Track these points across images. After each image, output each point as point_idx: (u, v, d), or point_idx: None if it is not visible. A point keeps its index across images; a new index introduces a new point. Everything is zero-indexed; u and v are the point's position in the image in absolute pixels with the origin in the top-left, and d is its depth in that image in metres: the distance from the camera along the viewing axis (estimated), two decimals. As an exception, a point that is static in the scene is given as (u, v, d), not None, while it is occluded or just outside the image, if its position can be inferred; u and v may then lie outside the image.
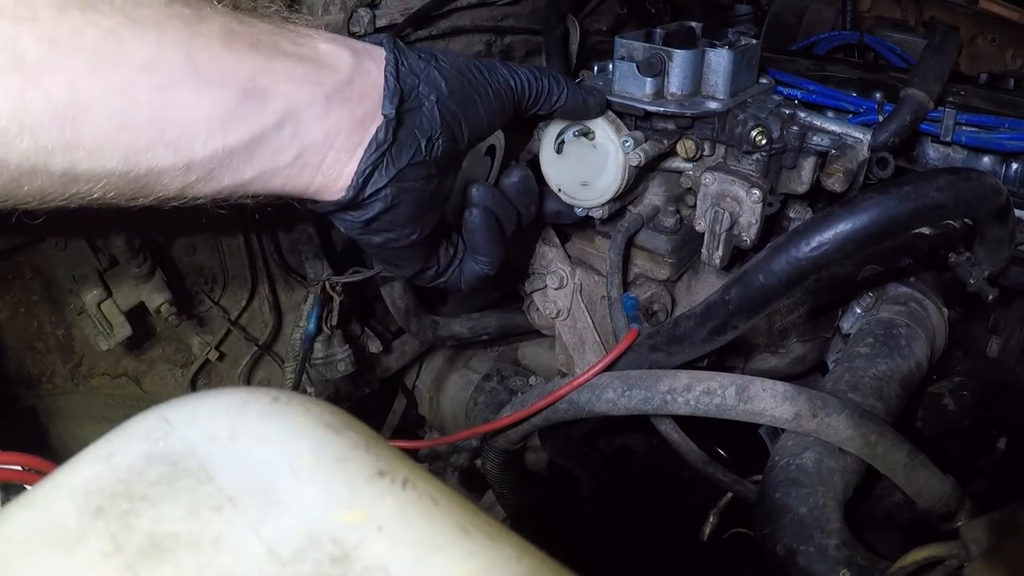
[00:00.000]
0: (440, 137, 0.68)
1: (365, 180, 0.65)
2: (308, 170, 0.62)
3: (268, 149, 0.59)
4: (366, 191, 0.65)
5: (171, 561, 0.31)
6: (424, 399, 1.57)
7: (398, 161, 0.66)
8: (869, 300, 1.04)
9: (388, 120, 0.64)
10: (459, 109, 0.69)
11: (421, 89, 0.67)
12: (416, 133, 0.66)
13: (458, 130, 0.70)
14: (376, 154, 0.64)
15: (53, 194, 0.53)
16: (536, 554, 0.35)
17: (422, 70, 0.67)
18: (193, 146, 0.55)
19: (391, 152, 0.65)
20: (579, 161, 0.89)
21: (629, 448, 1.28)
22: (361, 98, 0.63)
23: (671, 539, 1.15)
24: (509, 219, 0.83)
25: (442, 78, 0.68)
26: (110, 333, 1.07)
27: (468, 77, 0.70)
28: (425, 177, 0.69)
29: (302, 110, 0.60)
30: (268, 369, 1.34)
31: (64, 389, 1.14)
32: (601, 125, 0.87)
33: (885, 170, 0.93)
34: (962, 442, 1.09)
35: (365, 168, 0.64)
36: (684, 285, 1.05)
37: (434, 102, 0.67)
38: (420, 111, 0.66)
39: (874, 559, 0.70)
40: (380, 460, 0.37)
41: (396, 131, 0.64)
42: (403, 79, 0.65)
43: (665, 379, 0.83)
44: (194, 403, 0.39)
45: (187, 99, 0.54)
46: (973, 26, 1.48)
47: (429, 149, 0.67)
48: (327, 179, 0.64)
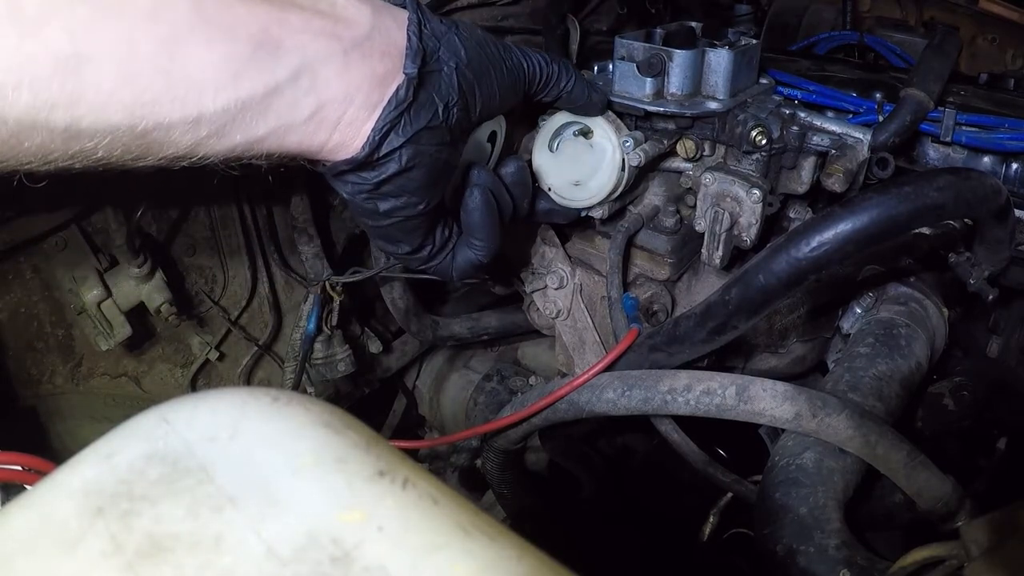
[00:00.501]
0: (456, 104, 0.67)
1: (382, 138, 0.63)
2: (325, 126, 0.61)
3: (283, 103, 0.57)
4: (382, 149, 0.64)
5: (171, 561, 0.31)
6: (424, 399, 1.57)
7: (416, 122, 0.64)
8: (869, 300, 1.04)
9: (410, 79, 0.62)
10: (475, 79, 0.68)
11: (442, 54, 0.65)
12: (435, 97, 0.65)
13: (472, 100, 0.69)
14: (396, 112, 0.62)
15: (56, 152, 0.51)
16: (536, 554, 0.35)
17: (443, 34, 0.66)
18: (202, 100, 0.53)
19: (410, 112, 0.64)
20: (574, 160, 0.89)
21: (629, 448, 1.28)
22: (382, 55, 0.61)
23: (671, 539, 1.15)
24: (505, 207, 0.82)
25: (462, 46, 0.67)
26: (110, 333, 1.07)
27: (486, 49, 0.69)
28: (439, 143, 0.67)
29: (319, 64, 0.58)
30: (268, 369, 1.34)
31: (64, 389, 1.14)
32: (601, 124, 0.87)
33: (885, 170, 0.93)
34: (962, 442, 1.09)
35: (383, 125, 0.62)
36: (684, 285, 1.05)
37: (453, 68, 0.66)
38: (440, 75, 0.65)
39: (874, 559, 0.70)
40: (380, 460, 0.37)
41: (417, 91, 0.63)
42: (426, 40, 0.64)
43: (665, 379, 0.83)
44: (194, 403, 0.39)
45: (195, 50, 0.52)
46: (973, 26, 1.49)
47: (447, 115, 0.66)
48: (344, 136, 0.62)
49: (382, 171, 0.66)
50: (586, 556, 1.16)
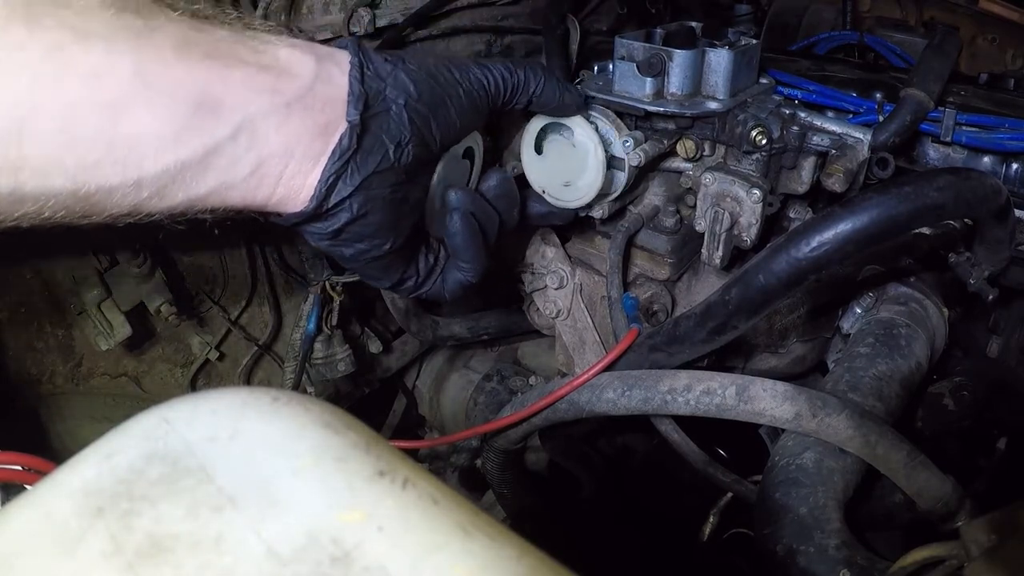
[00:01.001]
0: (410, 142, 0.66)
1: (328, 189, 0.62)
2: (268, 181, 0.60)
3: (223, 161, 0.57)
4: (330, 201, 0.63)
5: (171, 561, 0.31)
6: (424, 399, 1.57)
7: (363, 168, 0.63)
8: (869, 300, 1.04)
9: (352, 126, 0.62)
10: (429, 112, 0.67)
11: (388, 92, 0.64)
12: (384, 139, 0.64)
13: (429, 133, 0.68)
14: (340, 162, 0.62)
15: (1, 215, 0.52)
16: (536, 554, 0.35)
17: (389, 73, 0.65)
18: (143, 162, 0.54)
19: (356, 159, 0.63)
20: (560, 161, 0.88)
21: (629, 448, 1.28)
22: (324, 105, 0.61)
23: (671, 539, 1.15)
24: (491, 224, 0.80)
25: (410, 80, 0.66)
26: (110, 333, 1.07)
27: (438, 79, 0.68)
28: (394, 184, 0.67)
29: (259, 120, 0.57)
30: (268, 369, 1.34)
31: (64, 389, 1.14)
32: (579, 123, 0.85)
33: (885, 170, 0.93)
34: (962, 442, 1.09)
35: (328, 176, 0.62)
36: (684, 285, 1.05)
37: (402, 105, 0.65)
38: (388, 115, 0.64)
39: (874, 559, 0.70)
40: (380, 460, 0.37)
41: (361, 137, 0.63)
42: (368, 83, 0.63)
43: (665, 379, 0.83)
44: (194, 403, 0.39)
45: (136, 114, 0.52)
46: (973, 26, 1.48)
47: (398, 155, 0.65)
48: (289, 190, 0.61)
49: (335, 221, 0.65)
50: (586, 556, 1.16)
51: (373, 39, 1.17)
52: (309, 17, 1.13)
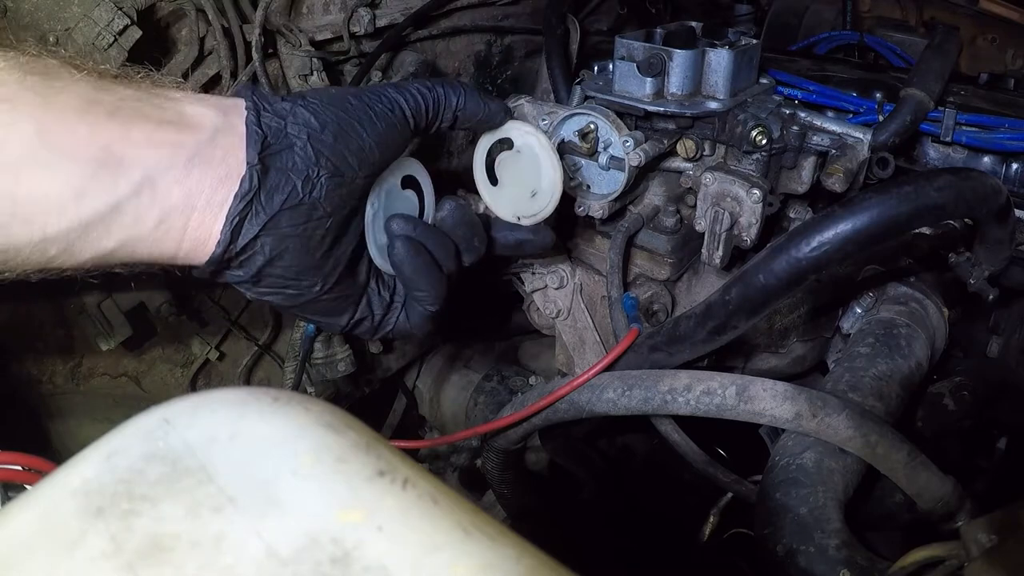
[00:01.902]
0: (321, 175, 0.64)
1: (234, 232, 0.62)
2: (173, 234, 0.60)
3: (128, 217, 0.57)
4: (238, 243, 0.62)
5: (171, 561, 0.31)
6: (424, 399, 1.58)
7: (269, 206, 0.62)
8: (869, 300, 1.04)
9: (251, 167, 0.61)
10: (338, 142, 0.66)
11: (289, 129, 0.64)
12: (290, 175, 0.63)
13: (343, 163, 0.66)
14: (243, 203, 0.61)
15: None
16: (536, 554, 0.35)
17: (288, 111, 0.65)
18: (47, 220, 0.55)
19: (260, 199, 0.62)
20: (516, 177, 0.83)
21: (630, 448, 1.28)
22: (225, 154, 0.61)
23: (671, 539, 1.15)
24: (445, 252, 0.77)
25: (310, 113, 0.65)
26: (110, 333, 1.07)
27: (343, 107, 0.67)
28: (307, 220, 0.65)
29: (160, 175, 0.58)
30: (268, 369, 1.34)
31: (64, 389, 1.14)
32: (513, 127, 0.80)
33: (885, 170, 0.93)
34: (962, 442, 1.09)
35: (233, 219, 0.61)
36: (684, 285, 1.05)
37: (306, 140, 0.64)
38: (291, 152, 0.63)
39: (874, 559, 0.70)
40: (380, 460, 0.37)
41: (264, 176, 0.62)
42: (265, 124, 0.63)
43: (665, 379, 0.83)
44: (194, 403, 0.39)
45: (39, 175, 0.54)
46: (973, 26, 1.49)
47: (307, 189, 0.64)
48: (195, 241, 0.61)
49: (250, 265, 0.64)
50: (586, 556, 1.16)
51: (373, 39, 1.17)
52: (309, 17, 1.14)
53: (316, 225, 0.65)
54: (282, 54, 1.08)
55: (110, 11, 0.87)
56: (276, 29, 1.06)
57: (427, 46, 1.28)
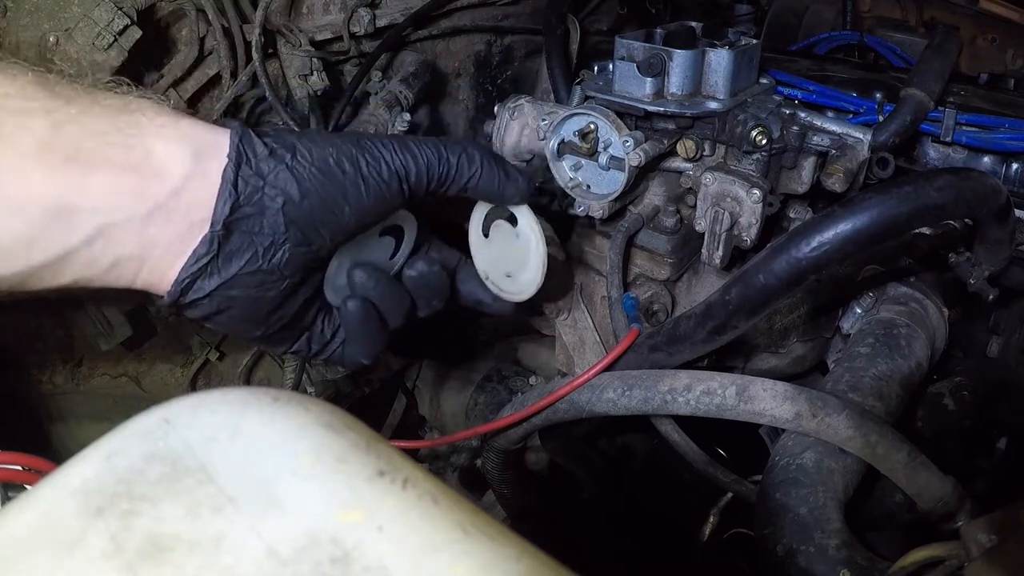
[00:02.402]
0: (287, 244, 0.62)
1: (185, 288, 0.61)
2: (126, 277, 0.60)
3: (78, 263, 0.57)
4: (188, 297, 0.61)
5: (171, 561, 0.31)
6: (424, 399, 1.57)
7: (225, 270, 0.61)
8: (869, 300, 1.04)
9: (213, 232, 0.59)
10: (314, 214, 0.62)
11: (266, 192, 0.60)
12: (253, 240, 0.61)
13: (314, 234, 0.63)
14: (197, 265, 0.59)
15: None
16: (536, 554, 0.35)
17: (271, 170, 0.61)
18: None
19: (216, 263, 0.60)
20: (504, 249, 0.79)
21: (630, 448, 1.28)
22: (190, 208, 0.58)
23: (671, 539, 1.15)
24: (397, 310, 0.74)
25: (294, 180, 0.61)
26: (110, 333, 1.07)
27: (332, 174, 0.63)
28: (260, 284, 0.63)
29: (116, 226, 0.56)
30: (268, 369, 1.34)
31: (64, 389, 1.14)
32: (524, 213, 0.75)
33: (885, 170, 0.93)
34: (962, 442, 1.09)
35: (184, 280, 0.60)
36: (684, 285, 1.05)
37: (279, 207, 0.60)
38: (260, 217, 0.60)
39: (874, 559, 0.70)
40: (380, 460, 0.37)
41: (225, 240, 0.60)
42: (243, 182, 0.59)
43: (665, 379, 0.83)
44: (194, 403, 0.39)
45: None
46: (973, 26, 1.49)
47: (268, 256, 0.62)
48: (150, 282, 0.61)
49: (196, 313, 0.64)
50: (586, 556, 1.16)
51: (373, 39, 1.17)
52: (309, 17, 1.14)
53: (269, 288, 0.64)
54: (282, 54, 1.08)
55: (110, 11, 0.87)
56: (276, 29, 1.06)
57: (427, 46, 1.28)
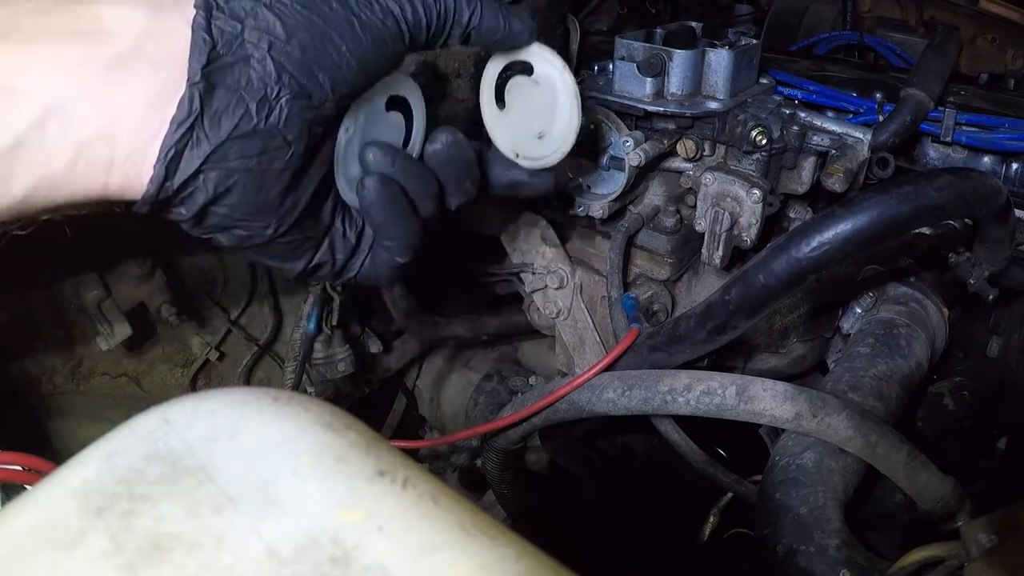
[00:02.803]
0: (282, 95, 0.53)
1: (170, 166, 0.51)
2: (95, 170, 0.51)
3: (32, 156, 0.48)
4: (175, 179, 0.52)
5: (171, 561, 0.31)
6: (424, 399, 1.57)
7: (214, 134, 0.52)
8: (869, 300, 1.04)
9: (192, 85, 0.50)
10: (307, 55, 0.53)
11: (247, 36, 0.52)
12: (243, 95, 0.52)
13: (312, 82, 0.54)
14: (180, 131, 0.51)
15: None
16: (536, 554, 0.35)
17: (248, 12, 0.52)
18: None
19: (203, 124, 0.51)
20: (527, 108, 0.70)
21: (630, 448, 1.28)
22: (157, 66, 0.50)
23: (671, 539, 1.15)
24: (426, 194, 0.65)
25: (276, 18, 0.53)
26: (110, 333, 1.07)
27: (320, 9, 0.54)
28: (263, 151, 0.54)
29: (70, 101, 0.48)
30: (268, 369, 1.34)
31: (64, 389, 1.14)
32: (536, 52, 0.67)
33: (885, 170, 0.93)
34: (962, 442, 1.09)
35: (167, 151, 0.51)
36: (684, 285, 1.05)
37: (266, 51, 0.52)
38: (246, 65, 0.52)
39: (874, 559, 0.70)
40: (380, 460, 0.37)
41: (209, 97, 0.51)
42: (217, 28, 0.51)
43: (665, 379, 0.83)
44: (194, 403, 0.39)
45: None
46: (973, 26, 1.49)
47: (264, 113, 0.53)
48: (126, 176, 0.52)
49: (191, 205, 0.54)
50: (586, 556, 1.16)
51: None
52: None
53: (273, 158, 0.55)
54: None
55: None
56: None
57: (427, 46, 1.28)
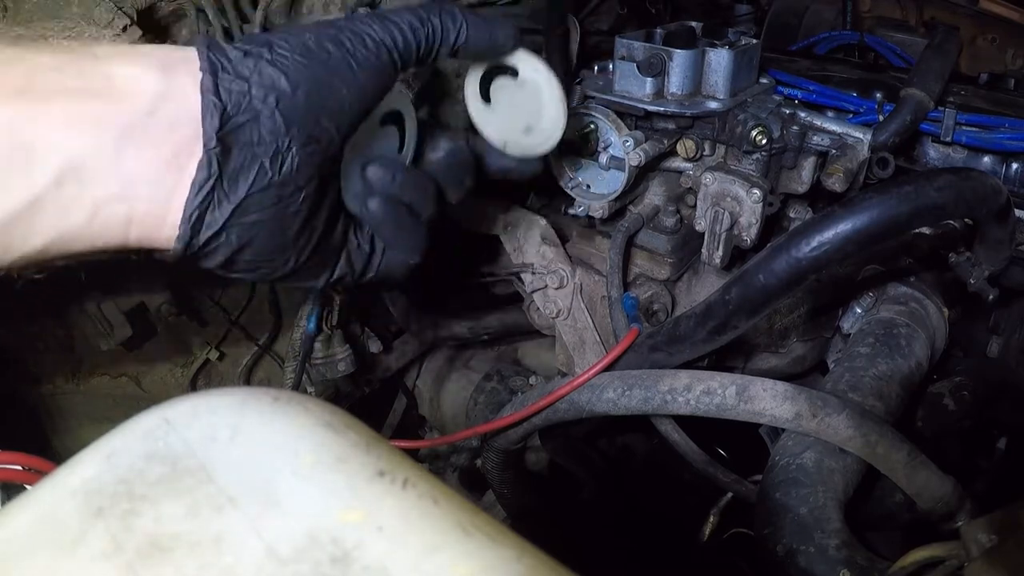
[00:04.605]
0: (292, 146, 0.55)
1: (195, 227, 0.53)
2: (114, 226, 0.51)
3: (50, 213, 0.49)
4: (200, 238, 0.54)
5: (171, 561, 0.31)
6: (424, 399, 1.57)
7: (234, 194, 0.53)
8: (869, 300, 1.04)
9: (210, 151, 0.52)
10: (312, 103, 0.55)
11: (254, 94, 0.53)
12: (255, 152, 0.53)
13: (318, 129, 0.56)
14: (201, 195, 0.52)
15: None
16: (536, 554, 0.35)
17: (252, 70, 0.54)
18: None
19: (222, 187, 0.53)
20: (513, 106, 0.74)
21: (630, 448, 1.28)
22: (170, 129, 0.51)
23: (671, 539, 1.15)
24: (423, 198, 0.67)
25: (280, 72, 0.54)
26: (110, 333, 1.07)
27: (319, 58, 0.56)
28: (278, 200, 0.56)
29: (85, 161, 0.49)
30: (268, 369, 1.34)
31: (64, 389, 1.14)
32: (521, 58, 0.70)
33: (885, 170, 0.93)
34: (962, 442, 1.09)
35: (191, 215, 0.52)
36: (684, 285, 1.05)
37: (273, 106, 0.54)
38: (256, 123, 0.53)
39: (874, 559, 0.70)
40: (380, 460, 0.37)
41: (226, 159, 0.53)
42: (225, 89, 0.52)
43: (665, 379, 0.83)
44: (194, 403, 0.39)
45: None
46: (973, 26, 1.49)
47: (277, 166, 0.54)
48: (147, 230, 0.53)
49: (215, 257, 0.56)
50: (586, 556, 1.16)
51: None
52: (309, 17, 1.13)
53: (288, 204, 0.56)
54: (282, 54, 1.08)
55: (110, 11, 0.87)
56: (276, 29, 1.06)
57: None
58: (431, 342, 1.44)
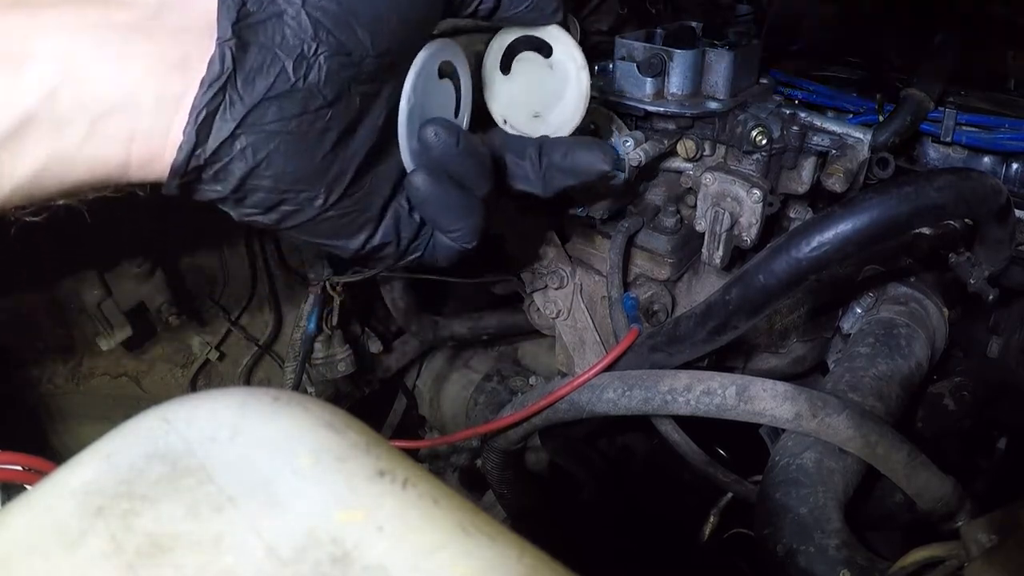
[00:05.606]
0: (320, 52, 0.49)
1: (201, 129, 0.47)
2: (114, 144, 0.47)
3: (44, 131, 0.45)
4: (208, 145, 0.48)
5: (171, 561, 0.31)
6: (424, 399, 1.58)
7: (249, 95, 0.48)
8: (869, 300, 1.04)
9: (223, 43, 0.46)
10: (344, 8, 0.49)
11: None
12: (277, 53, 0.48)
13: (350, 37, 0.50)
14: (212, 92, 0.47)
15: None
16: (536, 554, 0.35)
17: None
18: None
19: (235, 85, 0.47)
20: (531, 85, 0.69)
21: (630, 448, 1.28)
22: (179, 29, 0.47)
23: (671, 539, 1.15)
24: (480, 171, 0.60)
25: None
26: (110, 333, 1.07)
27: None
28: (302, 112, 0.50)
29: (83, 67, 0.45)
30: (268, 369, 1.34)
31: (64, 389, 1.14)
32: (558, 36, 0.66)
33: (885, 170, 0.93)
34: (962, 442, 1.09)
35: (199, 112, 0.47)
36: (684, 285, 1.05)
37: (300, 5, 0.48)
38: (280, 21, 0.48)
39: (874, 559, 0.70)
40: (380, 460, 0.37)
41: (242, 56, 0.47)
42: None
43: (665, 379, 0.83)
44: (194, 403, 0.39)
45: None
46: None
47: (302, 72, 0.49)
48: (149, 149, 0.48)
49: (228, 177, 0.50)
50: (586, 556, 1.16)
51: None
52: None
53: (314, 119, 0.50)
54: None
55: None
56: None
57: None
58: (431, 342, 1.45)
